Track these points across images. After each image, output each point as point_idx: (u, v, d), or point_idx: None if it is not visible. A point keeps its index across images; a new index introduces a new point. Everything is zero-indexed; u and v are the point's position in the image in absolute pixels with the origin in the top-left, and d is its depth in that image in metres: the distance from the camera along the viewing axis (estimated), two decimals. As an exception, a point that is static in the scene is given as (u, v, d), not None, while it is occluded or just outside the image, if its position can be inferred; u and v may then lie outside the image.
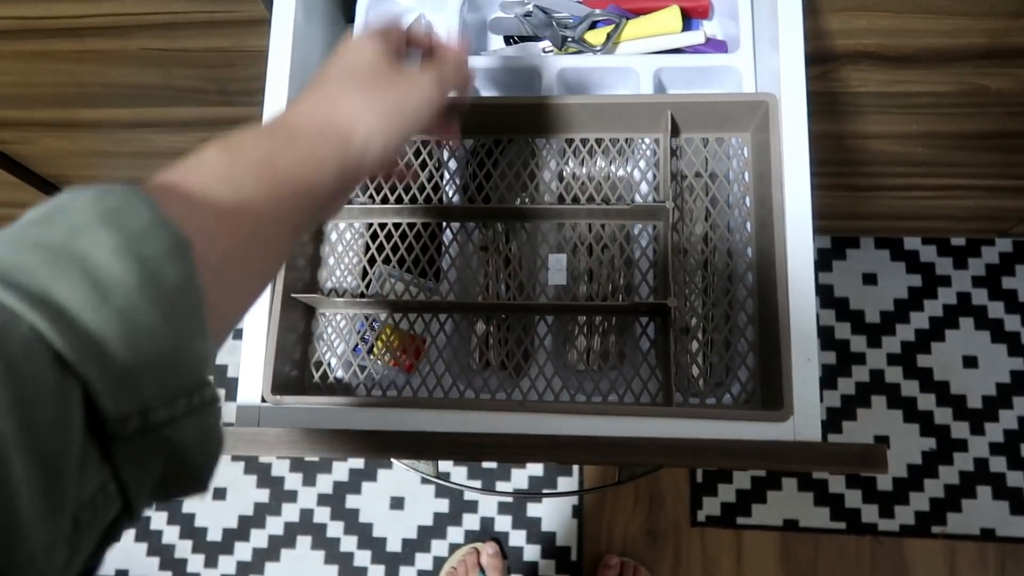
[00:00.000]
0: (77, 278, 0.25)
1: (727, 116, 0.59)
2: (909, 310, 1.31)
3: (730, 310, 0.58)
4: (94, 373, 0.24)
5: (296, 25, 0.62)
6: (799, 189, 0.55)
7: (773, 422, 0.50)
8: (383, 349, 0.60)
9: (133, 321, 0.25)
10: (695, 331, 0.62)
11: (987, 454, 1.25)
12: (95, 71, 0.80)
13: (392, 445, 0.51)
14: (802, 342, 0.53)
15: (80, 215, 0.26)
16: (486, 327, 0.64)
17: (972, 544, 1.22)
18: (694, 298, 0.62)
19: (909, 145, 0.92)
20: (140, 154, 0.99)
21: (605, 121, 0.60)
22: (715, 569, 1.23)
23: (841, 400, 1.28)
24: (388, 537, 1.27)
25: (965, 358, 1.29)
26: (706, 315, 0.62)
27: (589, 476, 1.27)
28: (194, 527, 1.29)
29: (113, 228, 0.26)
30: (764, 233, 0.57)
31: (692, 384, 0.61)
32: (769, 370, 0.54)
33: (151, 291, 0.26)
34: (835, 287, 1.33)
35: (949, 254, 1.33)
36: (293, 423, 0.54)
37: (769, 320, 0.54)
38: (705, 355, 0.62)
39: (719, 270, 0.60)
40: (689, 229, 0.62)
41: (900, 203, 1.13)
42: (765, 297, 0.56)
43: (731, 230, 0.61)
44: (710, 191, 0.60)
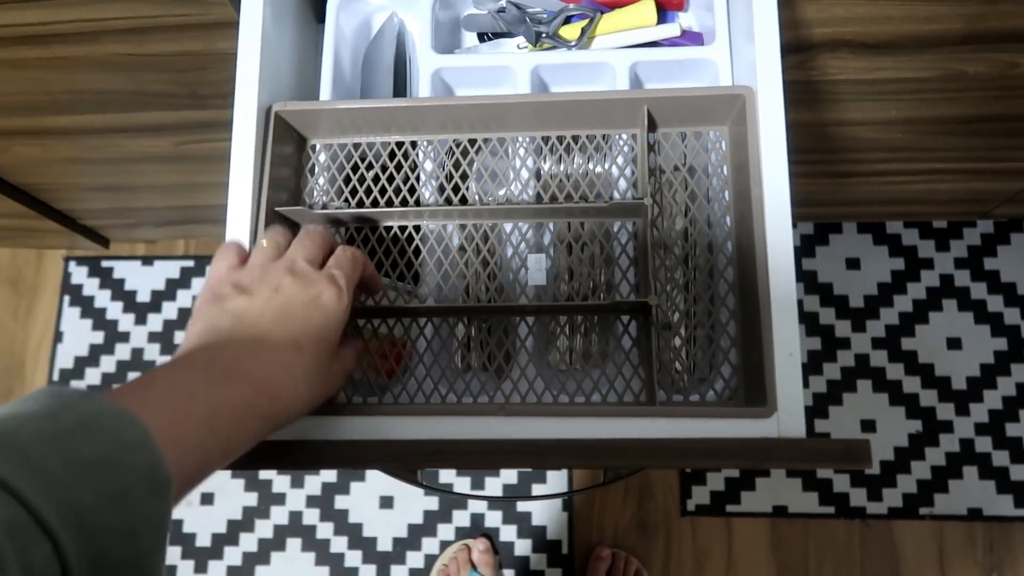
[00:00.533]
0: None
1: (704, 110, 0.59)
2: (893, 293, 1.32)
3: (711, 306, 0.58)
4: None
5: (265, 27, 0.61)
6: (777, 181, 0.55)
7: (757, 419, 0.50)
8: (364, 355, 0.59)
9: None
10: (677, 328, 0.61)
11: (972, 435, 1.26)
12: (64, 78, 0.79)
13: (371, 456, 0.50)
14: (784, 337, 0.52)
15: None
16: (467, 329, 0.64)
17: (960, 524, 1.23)
18: (676, 294, 0.62)
19: (889, 131, 0.92)
20: (114, 160, 0.98)
21: (581, 118, 0.59)
22: (706, 558, 1.24)
23: (827, 385, 1.29)
24: (379, 536, 1.26)
25: (949, 340, 1.30)
26: (688, 311, 0.62)
27: (578, 474, 1.27)
28: (183, 533, 1.28)
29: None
30: (744, 227, 0.56)
31: (676, 381, 0.61)
32: (752, 366, 0.53)
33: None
34: (819, 273, 1.33)
35: (931, 237, 1.33)
36: (281, 435, 0.53)
37: (751, 315, 0.54)
38: (688, 352, 0.61)
39: (700, 265, 0.59)
40: (669, 224, 0.61)
41: (882, 188, 1.13)
42: (746, 292, 0.55)
43: (711, 224, 0.61)
44: (689, 186, 0.60)
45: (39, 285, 1.39)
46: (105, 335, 1.36)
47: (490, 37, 0.69)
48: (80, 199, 1.13)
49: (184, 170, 0.99)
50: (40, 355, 1.37)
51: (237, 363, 0.42)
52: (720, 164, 0.60)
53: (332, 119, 0.60)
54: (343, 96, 0.66)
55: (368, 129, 0.61)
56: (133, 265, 1.38)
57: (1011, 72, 0.77)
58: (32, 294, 1.39)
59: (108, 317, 1.37)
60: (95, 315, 1.37)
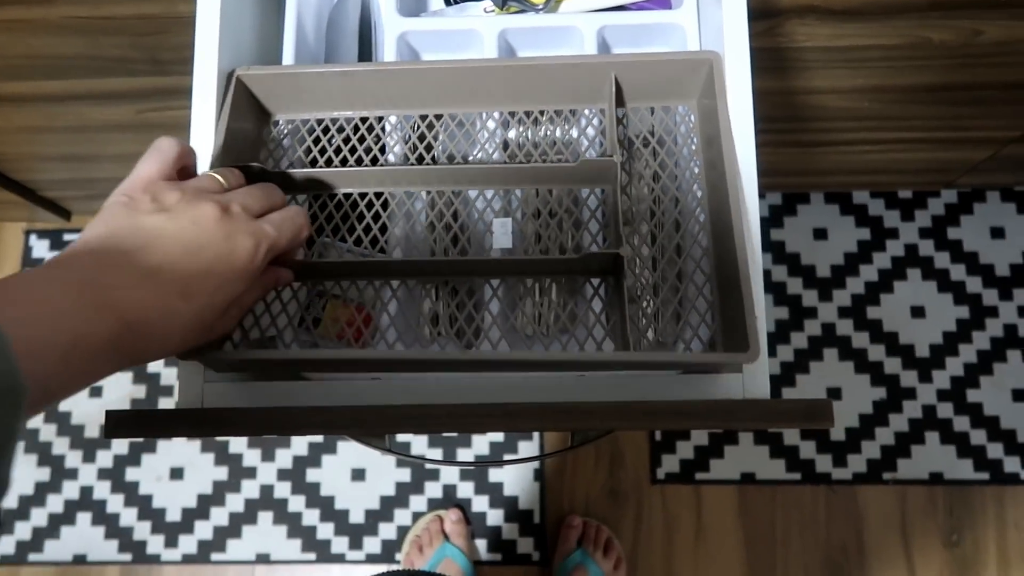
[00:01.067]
0: None
1: (672, 81, 0.58)
2: (859, 263, 1.33)
3: (681, 271, 0.58)
4: None
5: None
6: (744, 147, 0.55)
7: (735, 371, 0.50)
8: (330, 323, 0.59)
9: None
10: (647, 292, 0.61)
11: (935, 401, 1.29)
12: (18, 42, 0.76)
13: (340, 422, 0.49)
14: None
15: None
16: (434, 297, 0.63)
17: (921, 488, 1.26)
18: (645, 263, 0.62)
19: (856, 100, 0.92)
20: (73, 129, 0.95)
21: (548, 87, 0.58)
22: (676, 525, 1.25)
23: (794, 354, 1.30)
24: (351, 509, 1.26)
25: (913, 308, 1.32)
26: (660, 277, 0.62)
27: (549, 441, 1.28)
28: (152, 508, 1.27)
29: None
30: (716, 195, 0.56)
31: (646, 347, 0.61)
32: (729, 322, 0.53)
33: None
34: (787, 243, 1.34)
35: (897, 207, 1.35)
36: (237, 402, 0.53)
37: (728, 274, 0.53)
38: (659, 315, 0.62)
39: (670, 233, 0.59)
40: (637, 192, 0.61)
41: (849, 158, 1.14)
42: (721, 256, 0.55)
43: (681, 191, 0.61)
44: (659, 155, 0.59)
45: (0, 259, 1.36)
46: (68, 310, 1.33)
47: (457, 1, 0.68)
48: (40, 169, 1.10)
49: (147, 139, 0.95)
50: (1, 331, 1.34)
51: (116, 293, 0.38)
52: (689, 135, 0.59)
53: (296, 85, 0.59)
54: (307, 62, 0.65)
55: (331, 103, 0.60)
56: (96, 238, 1.36)
57: (975, 40, 0.77)
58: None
59: (71, 292, 1.34)
60: (58, 290, 1.34)
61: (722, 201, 0.54)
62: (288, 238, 0.47)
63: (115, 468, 1.28)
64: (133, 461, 1.28)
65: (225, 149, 0.54)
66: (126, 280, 0.39)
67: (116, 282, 0.39)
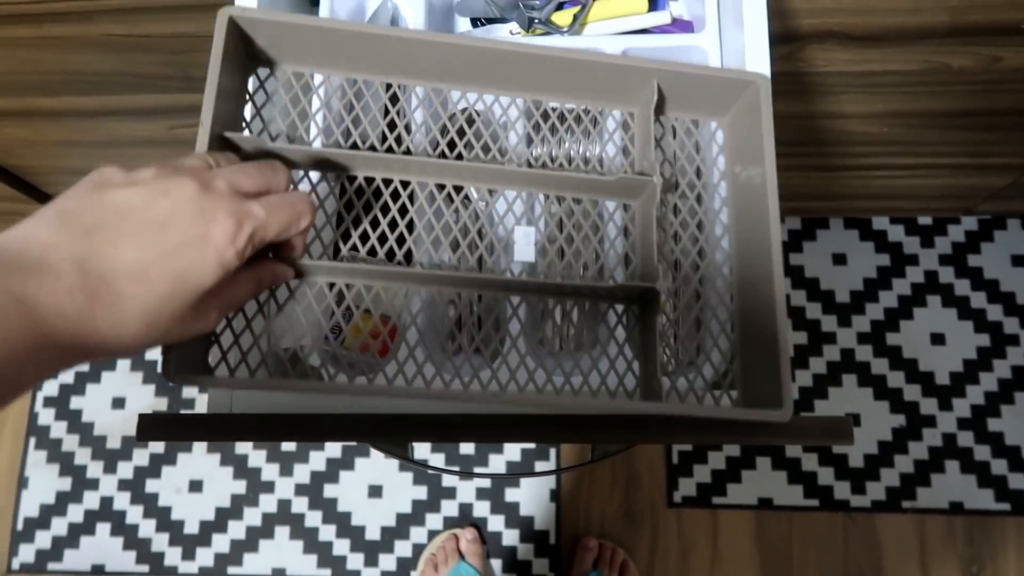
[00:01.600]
0: None
1: (710, 95, 0.57)
2: (878, 289, 1.33)
3: (701, 293, 0.58)
4: None
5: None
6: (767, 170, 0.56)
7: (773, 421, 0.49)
8: (355, 335, 0.60)
9: None
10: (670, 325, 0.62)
11: (955, 429, 1.28)
12: (56, 58, 0.79)
13: (364, 429, 0.50)
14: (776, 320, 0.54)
15: None
16: (457, 311, 0.64)
17: (941, 518, 1.25)
18: (668, 293, 0.61)
19: (875, 125, 0.93)
20: (104, 143, 0.98)
21: (581, 81, 0.56)
22: (692, 548, 1.25)
23: (813, 379, 1.30)
24: (367, 525, 1.27)
25: (933, 335, 1.31)
26: (683, 307, 0.62)
27: (566, 458, 1.28)
28: (171, 520, 1.28)
29: None
30: (745, 222, 0.55)
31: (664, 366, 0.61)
32: (758, 363, 0.51)
33: None
34: (806, 267, 1.34)
35: (916, 233, 1.35)
36: (265, 408, 0.54)
37: (753, 311, 0.52)
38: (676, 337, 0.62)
39: (696, 259, 0.58)
40: (662, 213, 0.61)
41: (868, 183, 1.14)
42: (748, 288, 0.54)
43: (707, 216, 0.61)
44: (687, 174, 0.59)
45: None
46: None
47: (483, 22, 0.69)
48: (71, 183, 1.12)
49: (177, 154, 0.99)
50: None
51: (57, 280, 0.33)
52: (718, 155, 0.59)
53: (307, 37, 0.53)
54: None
55: (348, 63, 0.55)
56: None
57: (995, 66, 0.78)
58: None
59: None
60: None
61: (751, 229, 0.53)
62: (280, 223, 0.40)
63: (135, 479, 1.29)
64: (153, 473, 1.30)
65: (216, 112, 0.48)
66: (68, 261, 0.33)
67: (56, 265, 0.33)
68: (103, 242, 0.34)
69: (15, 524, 1.28)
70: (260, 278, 0.44)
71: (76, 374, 1.33)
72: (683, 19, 0.68)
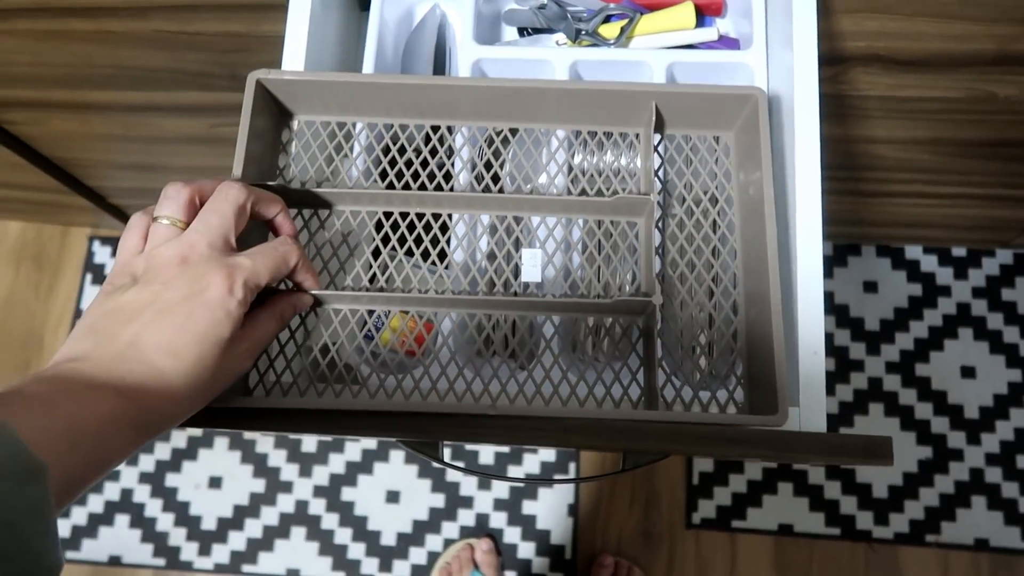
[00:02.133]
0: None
1: (713, 110, 0.58)
2: (909, 319, 1.32)
3: (715, 312, 0.57)
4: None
5: (313, 12, 0.62)
6: (808, 192, 0.56)
7: (792, 405, 0.50)
8: (391, 335, 0.60)
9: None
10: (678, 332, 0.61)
11: (983, 464, 1.26)
12: (108, 52, 0.80)
13: (391, 425, 0.50)
14: (809, 336, 0.53)
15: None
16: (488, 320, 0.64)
17: (966, 554, 1.23)
18: (677, 299, 0.61)
19: (915, 151, 0.92)
20: (148, 139, 0.99)
21: (586, 110, 0.58)
22: (709, 571, 1.23)
23: (839, 407, 1.29)
24: (383, 531, 1.27)
25: (963, 368, 1.30)
26: (690, 316, 0.62)
27: (585, 469, 1.27)
28: (188, 515, 1.29)
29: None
30: (750, 233, 0.56)
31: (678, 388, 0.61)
32: (760, 373, 0.52)
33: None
34: (836, 294, 1.33)
35: (950, 264, 1.33)
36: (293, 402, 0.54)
37: (756, 320, 0.53)
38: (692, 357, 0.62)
39: (703, 271, 0.58)
40: (671, 228, 0.61)
41: (903, 210, 1.14)
42: (754, 298, 0.55)
43: (716, 228, 0.61)
44: (693, 189, 0.59)
45: (62, 263, 1.41)
46: (124, 316, 1.37)
47: (530, 32, 0.70)
48: (111, 176, 1.15)
49: (216, 152, 1.01)
50: (59, 332, 1.38)
51: (104, 370, 0.38)
52: (727, 171, 0.59)
53: (319, 90, 0.57)
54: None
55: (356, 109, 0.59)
56: (156, 248, 1.40)
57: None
58: (55, 271, 1.41)
59: (128, 298, 1.38)
60: (115, 295, 1.38)
61: (758, 239, 0.53)
62: (268, 267, 0.44)
63: (156, 473, 1.30)
64: (174, 467, 1.31)
65: (248, 157, 0.53)
66: (111, 357, 0.39)
67: (102, 361, 0.39)
68: (131, 337, 0.40)
69: (37, 511, 1.29)
70: (280, 312, 0.48)
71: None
72: (730, 36, 0.68)
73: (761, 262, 0.53)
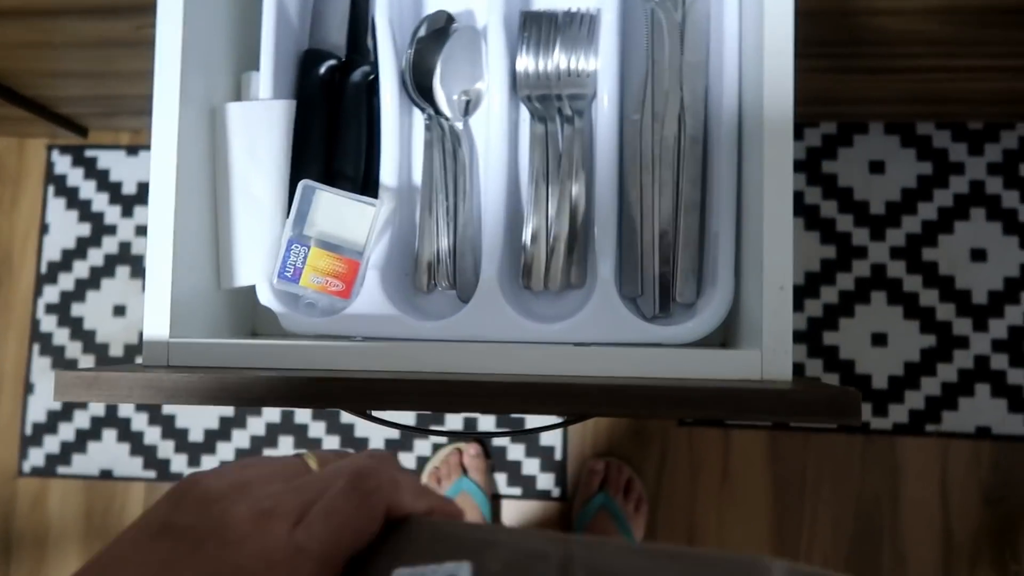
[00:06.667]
0: None
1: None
2: (917, 200, 1.23)
3: (703, 221, 0.51)
4: None
5: None
6: (781, 65, 0.47)
7: (753, 347, 0.45)
8: (313, 274, 0.54)
9: None
10: (657, 245, 0.55)
11: (988, 351, 1.20)
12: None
13: (332, 394, 0.45)
14: (775, 266, 0.46)
15: None
16: (435, 245, 0.58)
17: (966, 442, 1.19)
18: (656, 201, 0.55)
19: (926, 22, 0.82)
20: (72, 45, 0.91)
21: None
22: (701, 468, 1.21)
23: (839, 296, 1.22)
24: (371, 437, 1.25)
25: (973, 251, 1.22)
26: (670, 223, 0.56)
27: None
28: (175, 428, 1.28)
29: None
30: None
31: (654, 303, 0.55)
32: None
33: None
34: (839, 176, 1.24)
35: (964, 139, 1.23)
36: (206, 360, 0.49)
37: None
38: (669, 271, 0.56)
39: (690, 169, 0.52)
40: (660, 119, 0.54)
41: (914, 86, 1.03)
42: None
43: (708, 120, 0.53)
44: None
45: (22, 174, 1.34)
46: (92, 227, 1.32)
47: None
48: (47, 85, 1.06)
49: (149, 56, 0.91)
50: (27, 246, 1.33)
51: None
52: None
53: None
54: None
55: None
56: (117, 155, 1.32)
57: (1071, -44, 0.66)
58: (16, 184, 1.34)
59: (94, 209, 1.32)
60: (80, 207, 1.32)
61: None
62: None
63: (139, 388, 1.28)
64: (156, 382, 1.28)
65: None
66: None
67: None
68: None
69: (23, 429, 1.29)
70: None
71: (76, 281, 1.30)
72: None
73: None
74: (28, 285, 1.32)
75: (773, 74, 0.46)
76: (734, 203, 0.52)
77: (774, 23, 0.47)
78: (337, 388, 0.43)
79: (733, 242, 0.52)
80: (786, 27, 0.47)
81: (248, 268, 0.55)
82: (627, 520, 1.14)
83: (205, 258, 0.54)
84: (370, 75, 0.59)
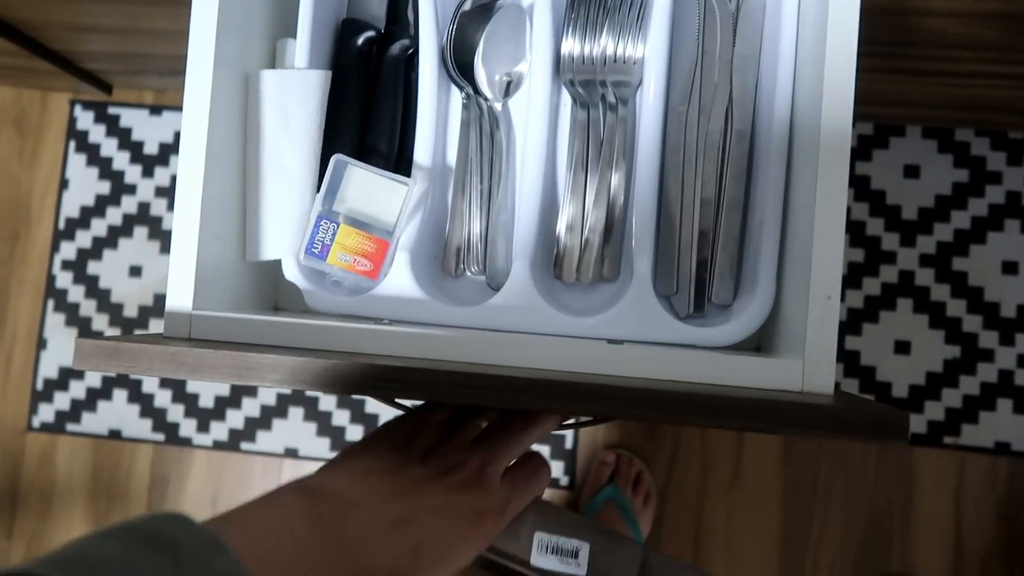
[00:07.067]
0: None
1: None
2: (951, 208, 1.20)
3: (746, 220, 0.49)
4: None
5: None
6: (844, 64, 0.45)
7: (795, 357, 0.43)
8: (341, 252, 0.53)
9: None
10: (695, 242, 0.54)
11: (1013, 366, 1.18)
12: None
13: (356, 380, 0.43)
14: (823, 274, 0.45)
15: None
16: (466, 229, 0.56)
17: (984, 457, 1.17)
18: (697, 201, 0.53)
19: (979, 26, 0.79)
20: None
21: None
22: (713, 466, 1.20)
23: (864, 301, 1.20)
24: (380, 414, 1.24)
25: (1005, 263, 1.19)
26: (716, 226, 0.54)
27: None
28: (186, 393, 1.27)
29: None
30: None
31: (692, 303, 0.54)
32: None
33: None
34: (872, 178, 1.21)
35: (1004, 148, 1.20)
36: (229, 335, 0.48)
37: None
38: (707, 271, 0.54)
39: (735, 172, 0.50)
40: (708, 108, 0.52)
41: (958, 91, 1.00)
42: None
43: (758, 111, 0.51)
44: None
45: (44, 127, 1.33)
46: (111, 186, 1.31)
47: None
48: (74, 40, 1.04)
49: (180, 15, 0.90)
50: (46, 201, 1.32)
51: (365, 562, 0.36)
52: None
53: None
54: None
55: None
56: (141, 114, 1.31)
57: None
58: (37, 136, 1.33)
59: (115, 167, 1.31)
60: (101, 164, 1.31)
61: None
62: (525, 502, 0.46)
63: (151, 350, 1.28)
64: (169, 345, 1.28)
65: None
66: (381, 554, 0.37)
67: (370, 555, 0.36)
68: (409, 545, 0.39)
69: (35, 384, 1.29)
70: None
71: (93, 239, 1.30)
72: None
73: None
74: (45, 240, 1.31)
75: (835, 74, 0.44)
76: (780, 205, 0.50)
77: (838, 19, 0.45)
78: (364, 374, 0.42)
79: (777, 245, 0.50)
80: (851, 24, 0.45)
81: (275, 242, 0.53)
82: (635, 514, 1.13)
83: (231, 229, 0.53)
84: (409, 49, 0.57)
